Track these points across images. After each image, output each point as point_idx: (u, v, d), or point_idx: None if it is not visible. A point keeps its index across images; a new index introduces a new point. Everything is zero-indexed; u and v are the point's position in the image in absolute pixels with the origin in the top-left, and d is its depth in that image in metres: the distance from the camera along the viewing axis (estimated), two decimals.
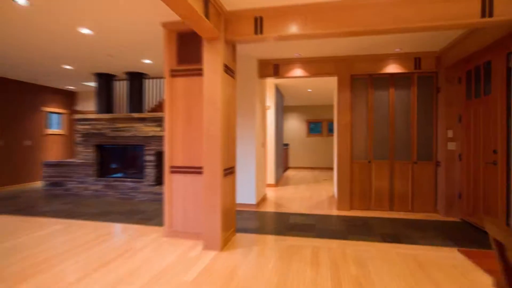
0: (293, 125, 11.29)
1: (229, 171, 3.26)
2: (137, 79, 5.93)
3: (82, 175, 5.70)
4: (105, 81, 6.02)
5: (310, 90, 7.97)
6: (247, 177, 4.82)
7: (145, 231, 3.59)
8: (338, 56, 4.63)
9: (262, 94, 5.42)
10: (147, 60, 5.04)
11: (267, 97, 6.92)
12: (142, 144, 5.44)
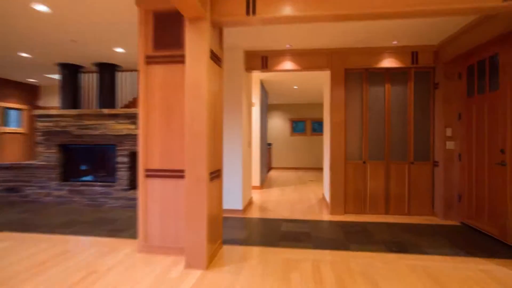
0: (277, 124, 10.94)
1: (216, 175, 2.81)
2: (108, 71, 5.30)
3: (43, 179, 4.99)
4: (71, 73, 5.33)
5: (296, 87, 7.64)
6: (233, 180, 4.37)
7: (116, 246, 3.06)
8: (332, 49, 4.29)
9: (248, 89, 4.99)
10: (120, 49, 4.45)
11: (252, 93, 6.49)
12: (114, 144, 4.84)
